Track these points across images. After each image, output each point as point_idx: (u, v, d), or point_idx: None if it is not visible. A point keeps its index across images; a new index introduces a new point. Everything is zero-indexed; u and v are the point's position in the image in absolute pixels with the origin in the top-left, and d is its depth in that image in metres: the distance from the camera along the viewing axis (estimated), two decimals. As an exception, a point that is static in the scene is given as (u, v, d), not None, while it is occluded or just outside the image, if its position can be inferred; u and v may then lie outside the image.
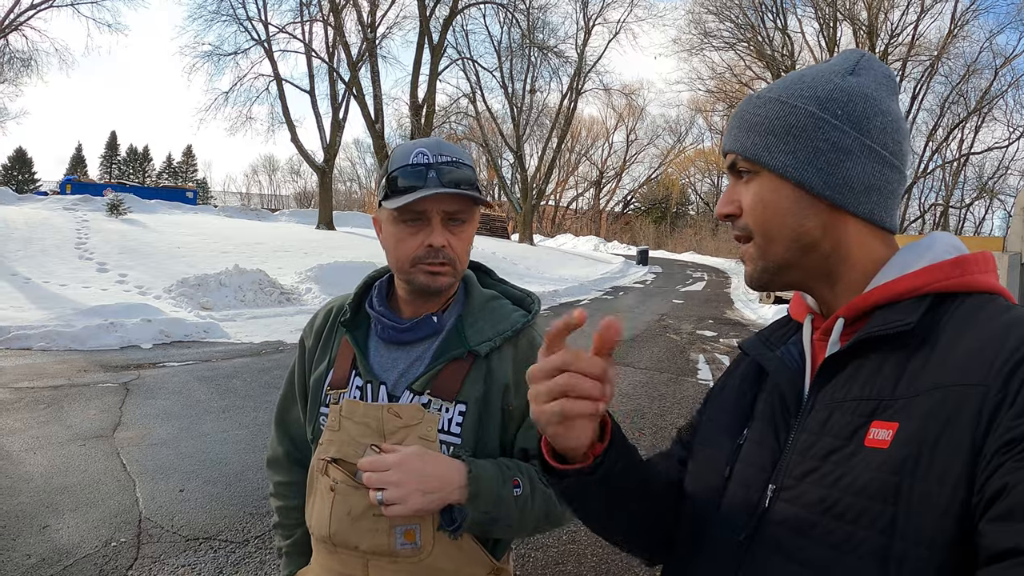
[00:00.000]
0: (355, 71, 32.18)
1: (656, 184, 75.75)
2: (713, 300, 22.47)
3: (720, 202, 1.02)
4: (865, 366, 0.87)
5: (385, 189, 1.46)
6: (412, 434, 1.45)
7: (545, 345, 0.89)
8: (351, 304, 1.62)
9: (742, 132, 0.99)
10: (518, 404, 1.53)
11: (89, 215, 23.54)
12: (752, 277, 1.02)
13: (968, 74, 36.60)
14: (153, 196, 37.39)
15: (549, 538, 4.53)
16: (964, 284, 0.88)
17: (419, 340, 1.55)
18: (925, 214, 44.69)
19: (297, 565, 1.72)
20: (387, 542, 1.43)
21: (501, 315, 1.58)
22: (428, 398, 1.48)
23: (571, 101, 44.90)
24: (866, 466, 0.79)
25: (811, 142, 0.93)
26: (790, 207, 0.94)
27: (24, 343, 9.64)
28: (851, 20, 34.51)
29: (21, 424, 6.27)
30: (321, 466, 1.51)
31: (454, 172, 1.44)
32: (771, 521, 0.89)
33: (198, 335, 11.29)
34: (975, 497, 0.71)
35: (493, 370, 1.52)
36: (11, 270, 15.49)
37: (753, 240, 0.98)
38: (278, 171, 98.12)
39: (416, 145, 1.48)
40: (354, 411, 1.50)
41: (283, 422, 1.77)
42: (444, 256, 1.47)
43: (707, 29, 38.76)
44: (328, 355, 1.62)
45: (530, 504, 1.44)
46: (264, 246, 22.44)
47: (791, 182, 0.94)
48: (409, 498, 1.30)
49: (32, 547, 4.08)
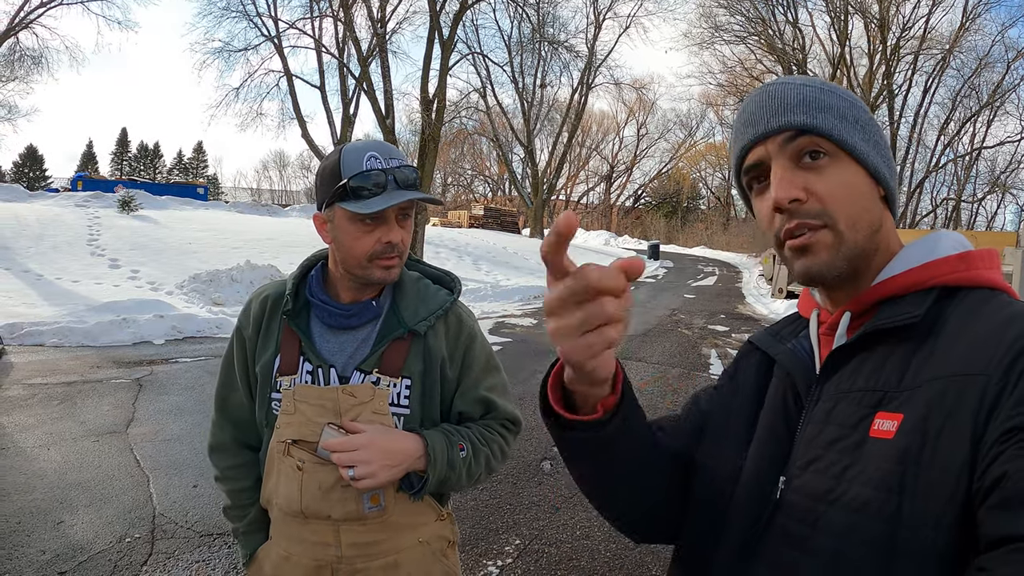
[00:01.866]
0: (365, 66, 32.14)
1: (667, 178, 75.47)
2: (725, 295, 22.43)
3: (783, 186, 0.93)
4: (871, 358, 0.89)
5: (339, 192, 1.56)
6: (366, 410, 1.62)
7: (551, 269, 0.75)
8: (291, 293, 1.71)
9: (816, 112, 0.94)
10: (453, 374, 1.75)
11: (100, 212, 23.61)
12: (830, 266, 0.93)
13: (980, 68, 36.29)
14: (164, 192, 37.40)
15: (563, 533, 4.53)
16: (969, 279, 0.90)
17: (362, 324, 1.70)
18: (937, 208, 44.43)
19: (256, 542, 1.82)
20: (356, 508, 1.62)
21: (429, 295, 1.76)
22: (377, 376, 1.65)
23: (582, 95, 44.85)
24: (871, 456, 0.81)
25: (874, 136, 0.96)
26: (868, 193, 0.95)
27: (37, 339, 9.68)
28: (862, 13, 34.28)
29: (35, 420, 6.29)
30: (282, 448, 1.65)
31: (406, 174, 1.58)
32: (781, 511, 0.91)
33: (210, 331, 11.32)
34: (975, 484, 0.72)
35: (431, 347, 1.70)
36: (23, 267, 15.57)
37: (830, 227, 0.92)
38: (288, 167, 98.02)
39: (365, 149, 1.58)
40: (308, 395, 1.63)
41: (224, 409, 1.86)
42: (397, 250, 1.62)
43: (718, 23, 38.56)
44: (272, 343, 1.72)
45: (473, 463, 1.69)
46: (275, 241, 22.50)
47: (866, 169, 0.94)
48: (378, 473, 1.51)
49: (47, 543, 4.09)
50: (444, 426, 1.72)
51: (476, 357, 1.79)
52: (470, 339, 1.78)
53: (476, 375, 1.78)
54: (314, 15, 33.30)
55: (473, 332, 1.80)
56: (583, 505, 4.75)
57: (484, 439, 1.74)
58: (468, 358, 1.77)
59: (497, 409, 1.80)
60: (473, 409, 1.78)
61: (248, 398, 1.80)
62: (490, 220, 44.02)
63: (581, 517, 4.76)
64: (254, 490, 1.79)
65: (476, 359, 1.79)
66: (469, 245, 29.89)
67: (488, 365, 1.82)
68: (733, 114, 23.22)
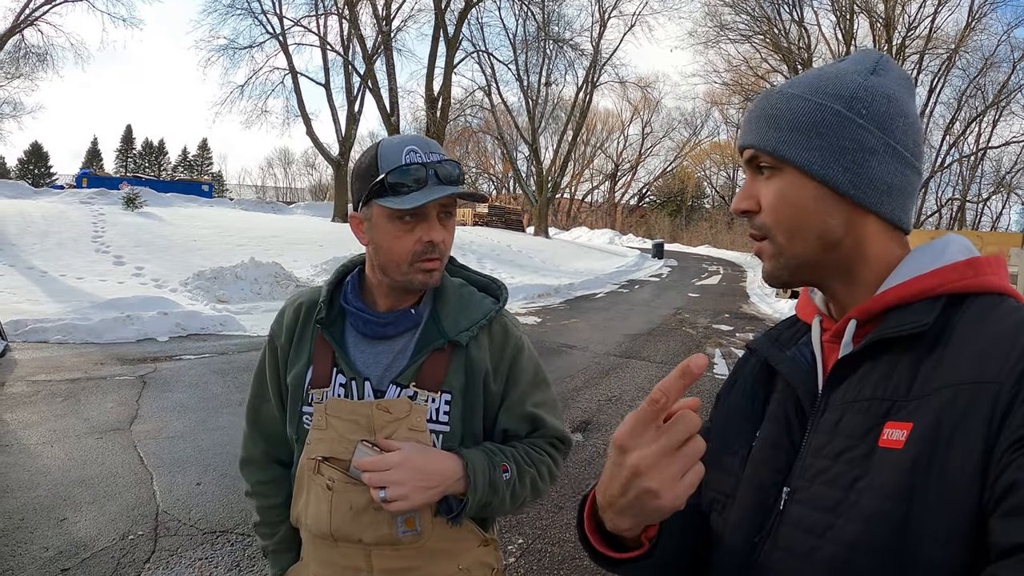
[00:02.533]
0: (370, 64, 32.22)
1: (671, 177, 75.43)
2: (729, 294, 22.40)
3: (737, 198, 1.00)
4: (877, 367, 0.88)
5: (377, 188, 1.46)
6: (402, 427, 1.49)
7: (657, 404, 0.82)
8: (324, 300, 1.62)
9: (764, 127, 0.96)
10: (497, 388, 1.60)
11: (105, 208, 23.64)
12: (771, 274, 1.00)
13: (986, 67, 36.19)
14: (169, 189, 37.48)
15: (565, 533, 4.52)
16: (977, 285, 0.88)
17: (399, 334, 1.58)
18: (942, 208, 44.37)
19: (285, 562, 1.75)
20: (389, 532, 1.49)
21: (472, 304, 1.63)
22: (414, 390, 1.52)
23: (586, 94, 44.67)
24: (880, 466, 0.80)
25: (837, 140, 0.92)
26: (814, 205, 0.94)
27: (41, 336, 9.71)
28: (868, 12, 34.21)
29: (38, 417, 6.30)
30: (312, 465, 1.54)
31: (448, 169, 1.47)
32: (785, 523, 0.90)
33: (214, 328, 11.34)
34: (986, 493, 0.71)
35: (473, 358, 1.57)
36: (28, 263, 15.61)
37: (770, 238, 0.97)
38: (293, 164, 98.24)
39: (403, 143, 1.48)
40: (341, 409, 1.52)
41: (256, 422, 1.77)
42: (439, 251, 1.50)
43: (723, 21, 38.47)
44: (305, 353, 1.62)
45: (518, 486, 1.54)
46: (279, 239, 22.53)
47: (816, 180, 0.93)
48: (411, 495, 1.39)
49: (50, 540, 4.09)
50: (487, 445, 1.58)
51: (523, 370, 1.65)
52: (517, 350, 1.65)
53: (523, 389, 1.64)
54: (319, 12, 33.43)
55: (520, 343, 1.66)
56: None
57: (530, 459, 1.60)
58: (514, 371, 1.64)
59: (545, 426, 1.66)
60: (519, 426, 1.65)
61: (280, 411, 1.69)
62: (495, 218, 43.97)
63: (584, 516, 4.73)
64: (284, 507, 1.70)
65: (523, 372, 1.65)
66: (473, 243, 29.88)
67: (536, 379, 1.67)
68: (738, 113, 23.25)
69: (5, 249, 16.57)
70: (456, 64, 36.38)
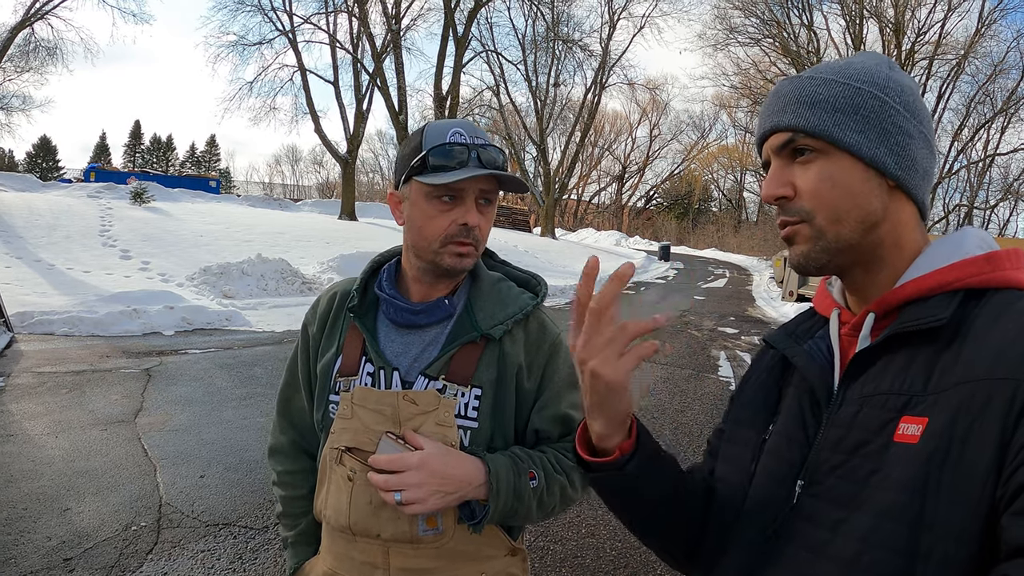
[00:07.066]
0: (379, 62, 32.27)
1: (679, 180, 75.42)
2: (735, 297, 22.35)
3: (770, 185, 0.99)
4: (895, 361, 0.87)
5: (418, 166, 1.43)
6: (429, 420, 1.45)
7: (585, 304, 0.94)
8: (358, 289, 1.59)
9: (803, 109, 0.95)
10: (531, 386, 1.54)
11: (113, 203, 23.73)
12: (808, 257, 0.97)
13: (995, 74, 35.99)
14: (176, 185, 37.59)
15: (568, 531, 4.52)
16: (996, 280, 0.88)
17: (431, 324, 1.54)
18: (949, 215, 44.11)
19: (304, 555, 1.71)
20: (409, 529, 1.44)
21: (510, 298, 1.58)
22: (443, 383, 1.48)
23: (595, 95, 44.72)
24: (895, 460, 0.80)
25: (879, 123, 0.93)
26: (860, 187, 0.93)
27: (47, 328, 9.74)
28: (877, 17, 34.14)
29: (43, 408, 6.32)
30: (335, 455, 1.50)
31: (492, 154, 1.44)
32: (799, 516, 0.90)
33: (220, 323, 11.35)
34: (999, 491, 0.71)
35: (507, 353, 1.52)
36: (35, 256, 15.67)
37: (808, 222, 0.95)
38: (301, 161, 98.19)
39: (450, 125, 1.46)
40: (367, 398, 1.48)
41: (286, 411, 1.75)
42: (473, 236, 1.46)
43: (732, 24, 38.46)
44: (336, 341, 1.59)
45: (546, 494, 1.47)
46: (286, 235, 22.56)
47: (863, 161, 0.93)
48: (428, 499, 1.33)
49: (53, 529, 4.10)
50: (515, 450, 1.50)
51: (559, 368, 1.57)
52: (554, 348, 1.58)
53: (558, 389, 1.57)
54: (329, 10, 33.46)
55: (558, 341, 1.59)
56: (589, 503, 4.73)
57: (560, 466, 1.51)
58: (550, 369, 1.57)
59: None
60: (551, 428, 1.56)
61: (309, 400, 1.67)
62: (502, 218, 43.96)
63: (587, 515, 4.74)
64: (308, 499, 1.66)
65: (559, 371, 1.57)
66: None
67: (572, 379, 1.57)
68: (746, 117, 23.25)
69: (13, 242, 16.64)
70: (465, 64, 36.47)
